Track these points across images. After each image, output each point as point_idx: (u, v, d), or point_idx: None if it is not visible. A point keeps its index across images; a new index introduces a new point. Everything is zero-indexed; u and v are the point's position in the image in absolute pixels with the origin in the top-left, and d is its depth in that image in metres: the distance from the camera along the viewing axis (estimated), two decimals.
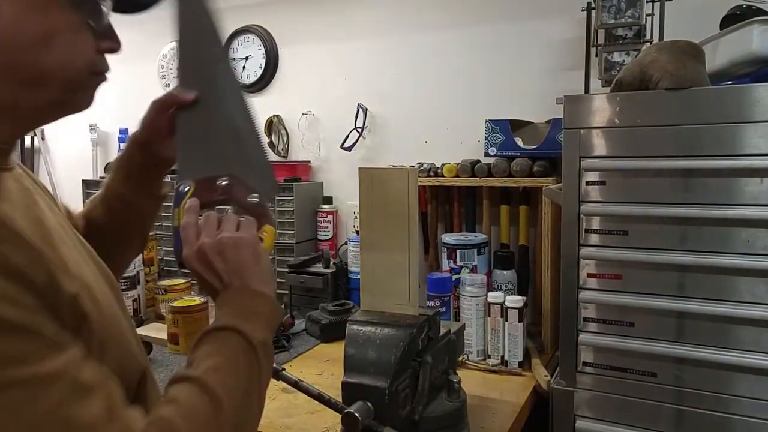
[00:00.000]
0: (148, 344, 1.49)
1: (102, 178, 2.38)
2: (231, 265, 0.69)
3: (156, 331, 1.64)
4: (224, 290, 0.69)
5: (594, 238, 1.14)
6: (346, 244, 2.00)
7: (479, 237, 1.62)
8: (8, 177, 0.61)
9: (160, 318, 1.70)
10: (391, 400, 0.86)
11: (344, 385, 0.90)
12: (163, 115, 0.80)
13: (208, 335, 0.66)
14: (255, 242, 0.71)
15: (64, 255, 0.58)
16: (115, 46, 0.67)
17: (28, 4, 0.59)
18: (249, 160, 0.78)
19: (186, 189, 0.73)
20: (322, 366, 1.43)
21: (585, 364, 1.16)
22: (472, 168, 1.67)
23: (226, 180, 0.74)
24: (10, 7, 0.57)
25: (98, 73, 0.66)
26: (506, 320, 1.38)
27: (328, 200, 2.10)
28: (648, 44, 1.46)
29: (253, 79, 2.24)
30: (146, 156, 0.82)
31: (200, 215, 0.72)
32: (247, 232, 0.71)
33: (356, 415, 0.83)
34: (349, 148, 2.02)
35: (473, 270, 1.57)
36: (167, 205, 0.80)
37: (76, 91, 0.64)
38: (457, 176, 1.69)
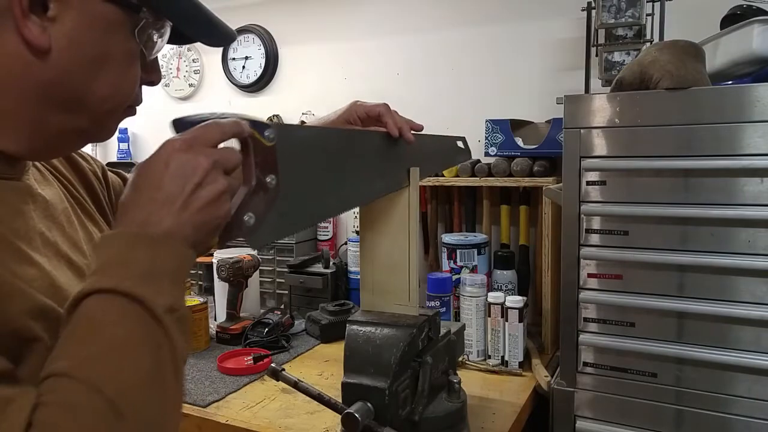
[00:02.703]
0: None
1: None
2: (171, 190, 0.51)
3: None
4: (129, 224, 0.51)
5: (594, 238, 1.13)
6: (346, 244, 2.00)
7: (479, 237, 1.62)
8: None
9: None
10: (391, 401, 0.85)
11: (344, 385, 0.89)
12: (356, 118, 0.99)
13: (86, 304, 0.48)
14: (222, 190, 0.53)
15: (27, 273, 0.54)
16: (157, 79, 0.65)
17: (92, 21, 0.55)
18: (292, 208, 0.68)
19: (271, 135, 0.59)
20: (321, 366, 1.43)
21: (585, 364, 1.16)
22: (472, 168, 1.67)
23: (275, 178, 0.60)
24: (72, 20, 0.54)
25: (132, 107, 0.63)
26: (506, 320, 1.38)
27: None
28: (648, 44, 1.46)
29: (252, 79, 2.24)
30: None
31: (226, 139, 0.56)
32: (220, 182, 0.53)
33: (356, 415, 0.83)
34: None
35: (473, 270, 1.57)
36: None
37: (104, 123, 0.61)
38: (457, 176, 1.69)
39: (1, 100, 0.55)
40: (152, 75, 0.64)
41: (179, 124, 0.57)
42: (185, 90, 2.42)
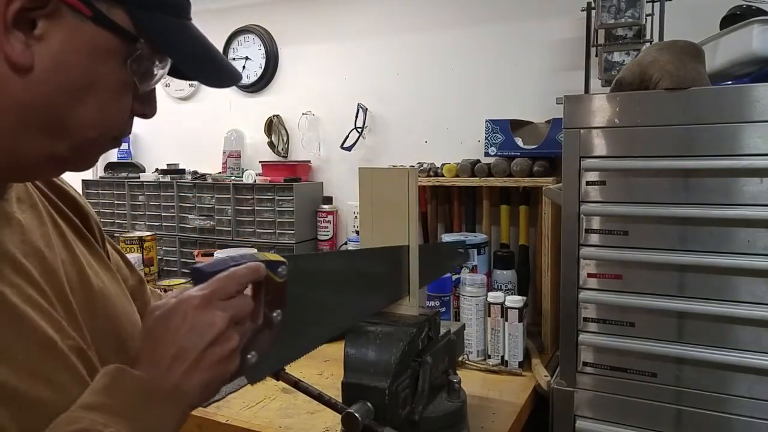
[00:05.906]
0: None
1: (102, 178, 2.38)
2: (186, 346, 0.53)
3: None
4: (141, 370, 0.52)
5: (594, 238, 1.13)
6: (346, 244, 2.00)
7: (479, 237, 1.62)
8: None
9: None
10: (391, 401, 0.85)
11: (344, 385, 0.89)
12: None
13: None
14: (233, 347, 0.56)
15: None
16: (150, 112, 0.60)
17: (81, 45, 0.51)
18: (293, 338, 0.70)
19: (284, 271, 0.63)
20: (322, 366, 1.43)
21: (585, 364, 1.16)
22: (472, 168, 1.67)
23: (280, 313, 0.63)
24: (60, 42, 0.50)
25: (117, 138, 0.59)
26: (506, 320, 1.38)
27: (328, 200, 2.10)
28: (648, 44, 1.46)
29: (253, 79, 2.24)
30: None
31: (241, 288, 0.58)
32: (235, 334, 0.56)
33: (356, 415, 0.83)
34: (349, 148, 2.02)
35: (473, 270, 1.57)
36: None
37: (85, 152, 0.57)
38: (457, 176, 1.69)
39: None
40: (146, 107, 0.60)
41: (198, 275, 0.57)
42: (185, 90, 2.42)
